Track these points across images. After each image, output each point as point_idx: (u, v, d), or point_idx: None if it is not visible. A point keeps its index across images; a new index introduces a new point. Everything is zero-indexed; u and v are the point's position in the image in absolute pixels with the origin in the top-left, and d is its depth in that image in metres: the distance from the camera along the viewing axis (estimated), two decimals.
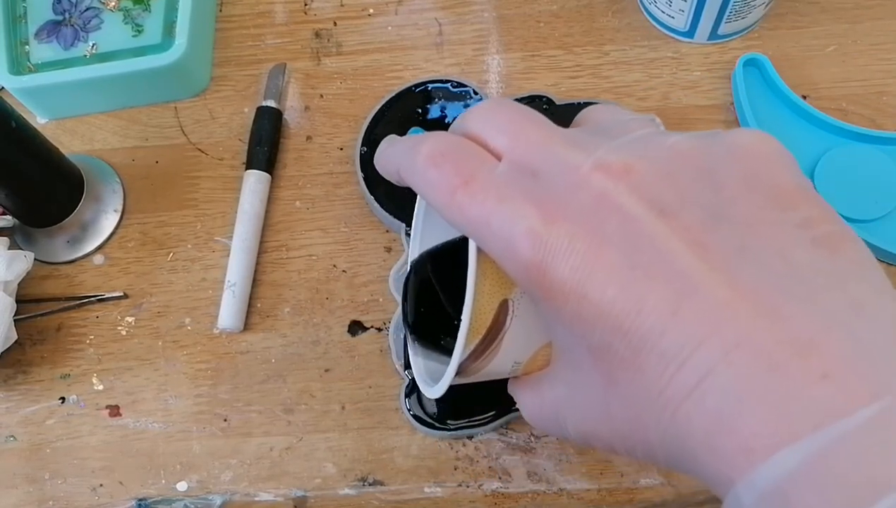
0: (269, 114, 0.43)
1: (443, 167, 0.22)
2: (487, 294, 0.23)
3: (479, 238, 0.22)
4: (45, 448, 0.39)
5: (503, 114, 0.23)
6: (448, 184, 0.22)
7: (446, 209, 0.22)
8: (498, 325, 0.24)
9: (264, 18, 0.48)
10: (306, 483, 0.37)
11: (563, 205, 0.20)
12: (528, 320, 0.24)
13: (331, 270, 0.41)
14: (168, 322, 0.41)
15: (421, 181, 0.23)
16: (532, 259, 0.20)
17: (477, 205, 0.21)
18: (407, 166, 0.24)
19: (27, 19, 0.45)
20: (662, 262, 0.19)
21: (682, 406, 0.18)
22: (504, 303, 0.24)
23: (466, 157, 0.22)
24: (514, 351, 0.25)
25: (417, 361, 0.30)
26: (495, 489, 0.36)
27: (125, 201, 0.44)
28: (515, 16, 0.46)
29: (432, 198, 0.23)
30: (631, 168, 0.20)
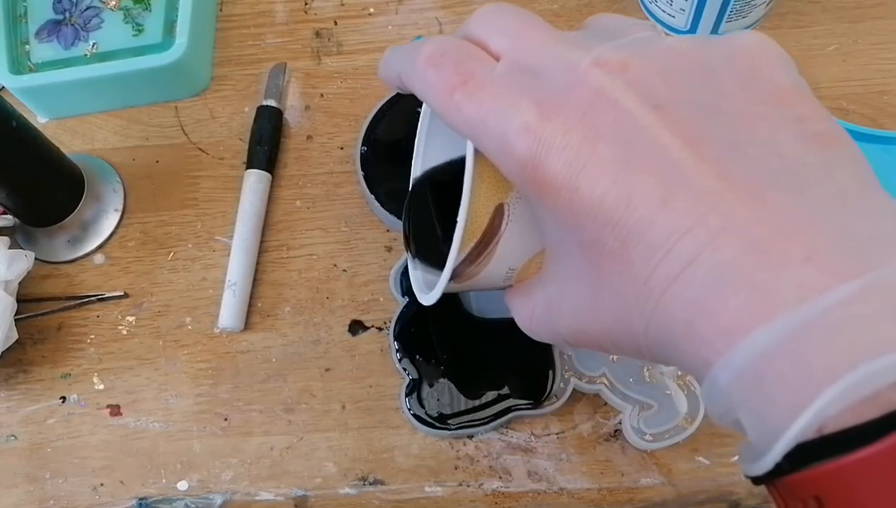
0: (269, 113, 0.43)
1: (442, 67, 0.22)
2: (483, 197, 0.23)
3: (476, 137, 0.22)
4: (45, 447, 0.39)
5: (504, 16, 0.23)
6: (447, 83, 0.22)
7: (444, 109, 0.22)
8: (493, 229, 0.24)
9: (265, 18, 0.48)
10: (307, 483, 0.37)
11: (560, 101, 0.20)
12: (523, 225, 0.24)
13: (331, 270, 0.41)
14: (168, 321, 0.41)
15: (420, 82, 0.23)
16: (527, 154, 0.20)
17: (475, 104, 0.21)
18: (407, 69, 0.24)
19: (27, 19, 0.45)
20: (654, 155, 0.19)
21: (666, 293, 0.19)
22: (500, 207, 0.24)
23: (466, 58, 0.22)
24: (509, 256, 0.25)
25: (416, 275, 0.30)
26: (496, 488, 0.36)
27: (126, 200, 0.44)
28: None
29: (431, 99, 0.23)
30: (628, 64, 0.20)
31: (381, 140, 0.42)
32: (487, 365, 0.37)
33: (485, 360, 0.37)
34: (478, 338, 0.37)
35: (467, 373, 0.37)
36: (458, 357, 0.37)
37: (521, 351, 0.37)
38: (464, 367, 0.37)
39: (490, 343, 0.37)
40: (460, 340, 0.38)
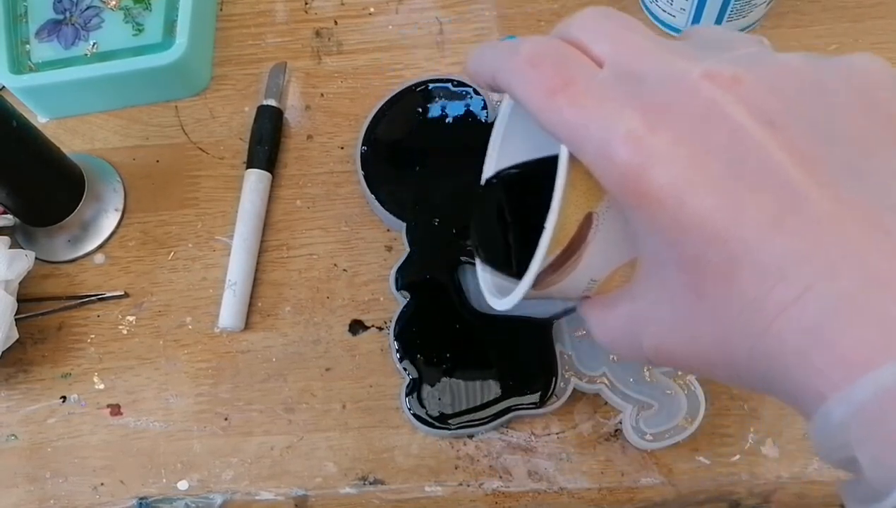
0: (269, 113, 0.43)
1: (543, 68, 0.22)
2: (573, 204, 0.23)
3: (575, 142, 0.21)
4: (46, 447, 0.39)
5: (607, 20, 0.23)
6: (547, 85, 0.21)
7: (543, 111, 0.22)
8: (580, 238, 0.23)
9: (265, 17, 0.48)
10: (307, 483, 0.37)
11: (668, 111, 0.20)
12: (611, 236, 0.24)
13: (331, 269, 0.41)
14: (169, 321, 0.41)
15: (519, 82, 0.22)
16: (630, 163, 0.20)
17: (576, 108, 0.21)
18: (504, 68, 0.23)
19: (28, 18, 0.45)
20: (767, 174, 0.18)
21: (777, 321, 0.18)
22: (589, 216, 0.23)
23: (567, 60, 0.22)
24: (593, 267, 0.24)
25: (485, 277, 0.30)
26: (496, 488, 0.36)
27: (126, 200, 0.44)
28: (516, 15, 0.46)
29: (529, 100, 0.22)
30: (740, 78, 0.20)
31: (381, 139, 0.42)
32: (489, 364, 0.37)
33: (487, 359, 0.37)
34: (480, 337, 0.37)
35: (469, 372, 0.37)
36: (460, 355, 0.37)
37: (523, 349, 0.37)
38: (465, 366, 0.37)
39: (492, 341, 0.37)
40: (462, 339, 0.38)
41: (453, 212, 0.40)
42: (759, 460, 0.36)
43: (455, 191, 0.40)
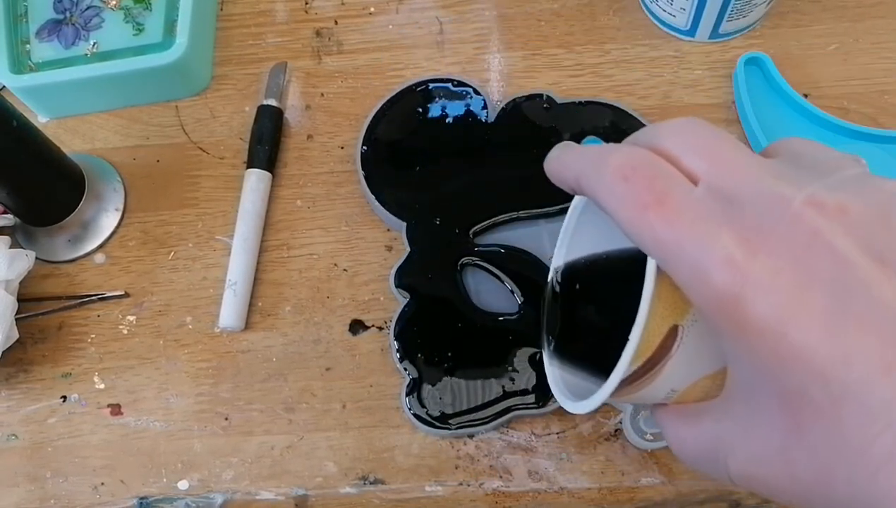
0: (269, 112, 0.43)
1: (634, 181, 0.21)
2: (659, 317, 0.22)
3: (667, 260, 0.21)
4: (46, 446, 0.39)
5: (700, 134, 0.22)
6: (639, 200, 0.21)
7: (634, 226, 0.21)
8: (663, 351, 0.23)
9: (265, 17, 0.48)
10: (307, 482, 0.37)
11: (769, 237, 0.19)
12: (695, 349, 0.23)
13: (332, 269, 0.41)
14: (169, 321, 0.41)
15: (607, 193, 0.22)
16: (727, 290, 0.19)
17: (670, 226, 0.20)
18: (591, 175, 0.23)
19: (28, 18, 0.45)
20: (877, 314, 0.18)
21: (884, 469, 0.18)
22: (674, 329, 0.23)
23: (660, 175, 0.21)
24: (675, 378, 0.24)
25: (553, 371, 0.29)
26: (496, 488, 0.36)
27: (126, 200, 0.44)
28: (516, 14, 0.46)
29: (618, 213, 0.22)
30: (846, 208, 0.19)
31: (381, 139, 0.42)
32: (490, 364, 0.37)
33: (487, 359, 0.37)
34: (480, 337, 0.37)
35: (469, 372, 0.37)
36: (461, 355, 0.37)
37: (527, 347, 0.37)
38: (466, 365, 0.37)
39: (493, 341, 0.37)
40: (463, 338, 0.38)
41: (455, 212, 0.40)
42: None
43: (456, 191, 0.40)
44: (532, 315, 0.37)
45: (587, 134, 0.41)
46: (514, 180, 0.40)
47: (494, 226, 0.40)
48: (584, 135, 0.41)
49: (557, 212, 0.39)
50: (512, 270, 0.38)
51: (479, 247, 0.39)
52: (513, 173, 0.41)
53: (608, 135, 0.41)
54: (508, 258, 0.39)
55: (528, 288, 0.38)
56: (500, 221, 0.39)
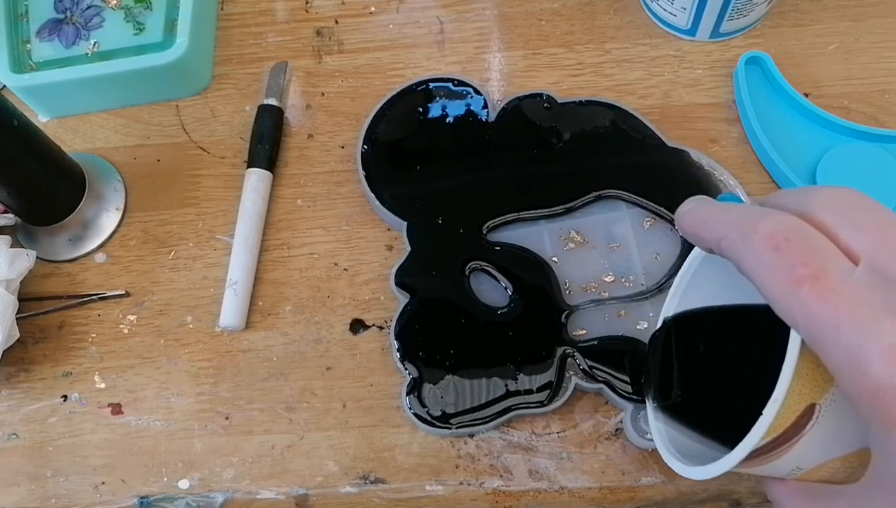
0: (270, 112, 0.43)
1: (787, 253, 0.20)
2: (796, 394, 0.22)
3: (818, 341, 0.20)
4: (47, 445, 0.39)
5: (862, 208, 0.21)
6: (792, 274, 0.20)
7: (784, 300, 0.20)
8: (797, 428, 0.22)
9: (265, 16, 0.48)
10: (308, 481, 0.37)
11: None
12: (830, 430, 0.22)
13: (332, 268, 0.41)
14: (170, 320, 0.41)
15: (754, 261, 0.21)
16: (887, 382, 0.18)
17: (826, 305, 0.19)
18: (736, 240, 0.22)
19: (29, 18, 0.45)
20: None
21: None
22: (810, 408, 0.22)
23: (815, 249, 0.20)
24: (803, 457, 0.23)
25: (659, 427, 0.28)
26: (496, 487, 0.36)
27: (127, 199, 0.44)
28: (517, 14, 0.46)
29: (767, 285, 0.21)
30: None
31: (382, 139, 0.42)
32: (492, 363, 0.37)
33: (489, 358, 0.37)
34: (482, 336, 0.37)
35: (470, 371, 0.37)
36: (461, 355, 0.37)
37: (528, 349, 0.37)
38: (467, 365, 0.37)
39: (495, 341, 0.37)
40: (463, 338, 0.38)
41: (458, 212, 0.40)
42: None
43: (459, 191, 0.40)
44: (523, 306, 0.37)
45: (588, 133, 0.41)
46: (515, 180, 0.40)
47: (503, 224, 0.40)
48: (585, 134, 0.41)
49: (562, 212, 0.39)
50: (514, 270, 0.38)
51: (486, 246, 0.39)
52: (514, 173, 0.41)
53: (609, 134, 0.41)
54: (515, 258, 0.39)
55: (522, 283, 0.38)
56: (509, 220, 0.39)
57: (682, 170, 0.39)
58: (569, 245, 0.39)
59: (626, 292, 0.38)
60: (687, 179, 0.39)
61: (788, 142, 0.40)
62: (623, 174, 0.40)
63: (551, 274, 0.38)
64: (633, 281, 0.38)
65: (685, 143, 0.40)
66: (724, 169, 0.39)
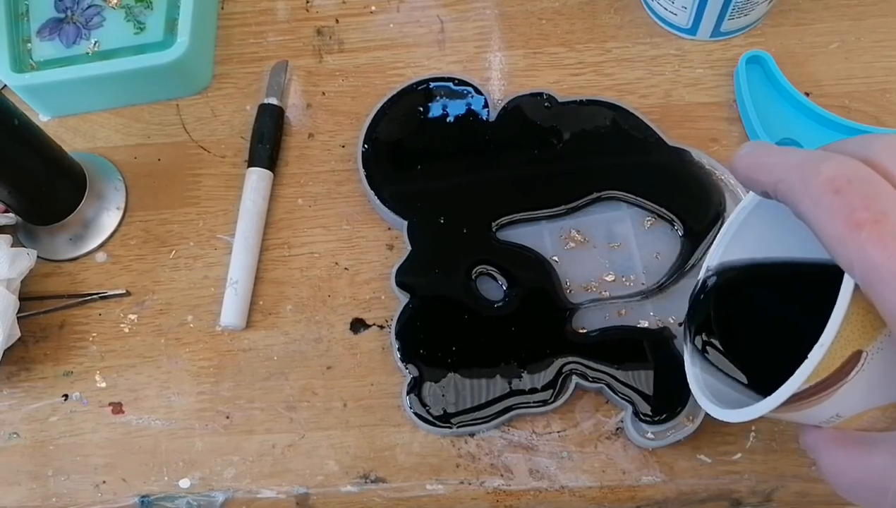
0: (271, 111, 0.43)
1: (848, 196, 0.20)
2: (844, 339, 0.21)
3: (874, 284, 0.20)
4: (48, 444, 0.39)
5: None
6: (852, 216, 0.20)
7: (840, 243, 0.20)
8: (841, 374, 0.22)
9: (266, 16, 0.48)
10: (308, 481, 0.37)
11: None
12: (875, 378, 0.22)
13: (333, 268, 0.41)
14: (170, 319, 0.41)
15: (812, 204, 0.21)
16: None
17: (885, 250, 0.19)
18: (795, 182, 0.21)
19: (29, 17, 0.45)
20: None
21: None
22: (856, 354, 0.22)
23: (877, 193, 0.20)
24: (845, 404, 0.23)
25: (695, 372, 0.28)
26: (497, 486, 0.36)
27: (127, 199, 0.44)
28: (517, 13, 0.46)
29: (824, 227, 0.20)
30: None
31: (382, 138, 0.42)
32: (493, 363, 0.37)
33: (490, 358, 0.37)
34: (484, 336, 0.37)
35: (471, 370, 0.37)
36: (461, 354, 0.37)
37: (529, 346, 0.37)
38: (467, 364, 0.37)
39: (497, 340, 0.37)
40: (464, 337, 0.38)
41: (458, 211, 0.40)
42: (760, 458, 0.36)
43: (458, 190, 0.40)
44: (521, 302, 0.37)
45: (588, 133, 0.41)
46: (516, 179, 0.40)
47: (505, 223, 0.40)
48: (586, 134, 0.41)
49: (563, 212, 0.39)
50: (516, 269, 0.38)
51: (489, 245, 0.39)
52: (514, 172, 0.41)
53: (609, 134, 0.41)
54: (517, 257, 0.39)
55: (524, 282, 0.38)
56: (515, 220, 0.39)
57: (683, 169, 0.39)
58: (569, 244, 0.39)
59: (627, 291, 0.38)
60: (688, 179, 0.39)
61: (789, 142, 0.40)
62: (624, 173, 0.40)
63: (553, 273, 0.38)
64: (633, 281, 0.38)
65: (686, 143, 0.40)
66: (724, 168, 0.39)
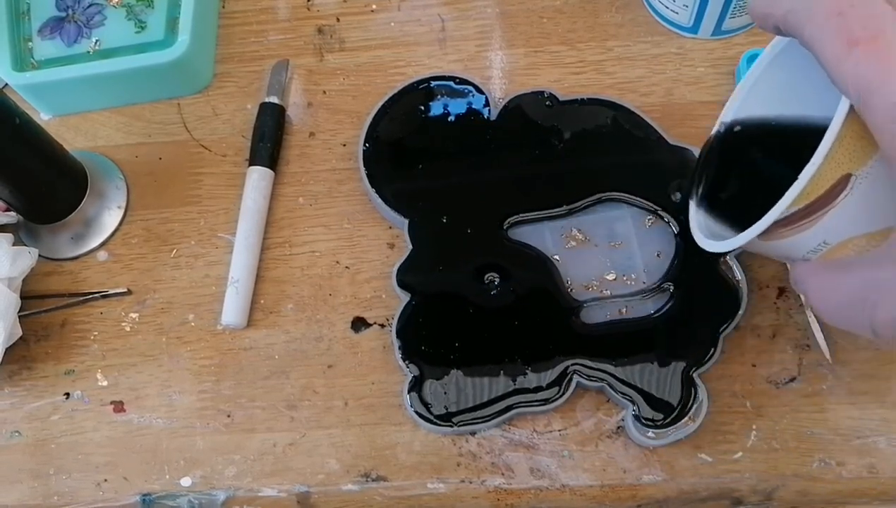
0: (272, 110, 0.43)
1: (849, 17, 0.21)
2: (834, 162, 0.22)
3: (865, 96, 0.20)
4: (49, 443, 0.39)
5: None
6: (850, 35, 0.20)
7: (838, 60, 0.21)
8: (829, 197, 0.23)
9: (267, 14, 0.48)
10: (309, 479, 0.37)
11: None
12: (863, 203, 0.23)
13: (334, 267, 0.41)
14: (171, 318, 0.41)
15: (816, 28, 0.21)
16: None
17: (877, 63, 0.20)
18: (803, 10, 0.22)
19: (30, 16, 0.45)
20: None
21: None
22: (846, 177, 0.22)
23: (878, 13, 0.21)
24: (832, 230, 0.24)
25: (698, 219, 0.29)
26: (498, 485, 0.36)
27: (128, 197, 0.44)
28: (518, 11, 0.46)
29: (825, 48, 0.21)
30: None
31: (383, 137, 0.42)
32: (494, 362, 0.37)
33: (491, 357, 0.37)
34: (486, 335, 0.37)
35: (472, 369, 0.37)
36: (462, 353, 0.37)
37: (530, 346, 0.37)
38: (468, 363, 0.37)
39: (499, 339, 0.37)
40: (465, 337, 0.38)
41: (459, 210, 0.40)
42: (761, 457, 0.36)
43: (459, 189, 0.40)
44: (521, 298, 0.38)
45: (589, 131, 0.41)
46: (517, 178, 0.40)
47: (519, 223, 0.40)
48: (587, 132, 0.41)
49: (564, 212, 0.39)
50: (519, 268, 0.38)
51: (492, 244, 0.39)
52: (515, 171, 0.41)
53: (610, 132, 0.41)
54: (520, 256, 0.39)
55: (526, 281, 0.38)
56: (521, 220, 0.39)
57: (684, 168, 0.39)
58: (570, 243, 0.39)
59: (628, 290, 0.38)
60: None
61: None
62: (625, 172, 0.40)
63: (555, 271, 0.38)
64: (634, 280, 0.38)
65: (687, 141, 0.40)
66: None
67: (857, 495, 0.35)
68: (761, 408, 0.36)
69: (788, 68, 0.25)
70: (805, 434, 0.36)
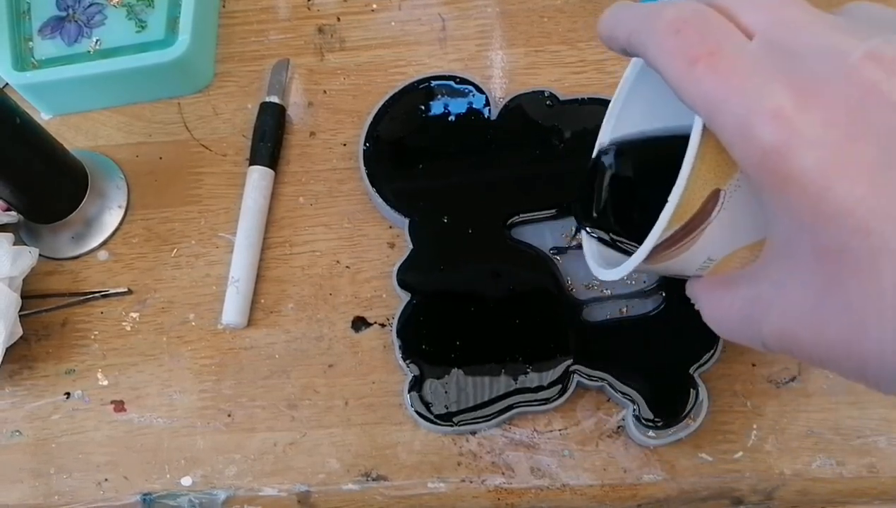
0: (272, 109, 0.43)
1: (686, 35, 0.21)
2: (701, 179, 0.22)
3: (712, 115, 0.20)
4: (50, 442, 0.39)
5: None
6: (689, 53, 0.20)
7: (680, 80, 0.21)
8: (703, 215, 0.23)
9: (267, 14, 0.48)
10: (310, 479, 0.37)
11: (821, 90, 0.19)
12: (736, 215, 0.23)
13: (334, 266, 0.41)
14: (172, 318, 0.41)
15: (657, 48, 0.21)
16: (773, 142, 0.19)
17: (718, 79, 0.20)
18: (643, 30, 0.22)
19: (31, 15, 0.45)
20: None
21: None
22: (715, 193, 0.22)
23: (713, 28, 0.21)
24: (712, 246, 0.24)
25: (591, 246, 0.29)
26: (498, 484, 0.36)
27: (129, 197, 0.44)
28: (519, 11, 0.46)
29: (667, 67, 0.21)
30: None
31: (383, 136, 0.42)
32: (494, 361, 0.37)
33: (492, 356, 0.37)
34: (486, 334, 0.38)
35: (473, 369, 0.37)
36: (463, 353, 0.37)
37: (531, 345, 0.37)
38: (469, 363, 0.37)
39: (499, 339, 0.37)
40: (465, 336, 0.38)
41: (460, 209, 0.40)
42: (761, 457, 0.36)
43: (459, 188, 0.40)
44: (523, 297, 0.38)
45: (590, 131, 0.41)
46: (517, 178, 0.40)
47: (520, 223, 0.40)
48: (588, 132, 0.41)
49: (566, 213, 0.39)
50: (520, 268, 0.38)
51: (494, 244, 0.39)
52: (516, 171, 0.41)
53: None
54: (521, 256, 0.39)
55: (527, 281, 0.38)
56: (524, 220, 0.39)
57: None
58: (571, 243, 0.39)
59: (629, 289, 0.38)
60: None
61: None
62: None
63: (556, 271, 0.38)
64: (635, 279, 0.38)
65: None
66: None
67: (858, 494, 0.35)
68: (761, 408, 0.36)
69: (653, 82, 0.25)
70: (805, 434, 0.36)
